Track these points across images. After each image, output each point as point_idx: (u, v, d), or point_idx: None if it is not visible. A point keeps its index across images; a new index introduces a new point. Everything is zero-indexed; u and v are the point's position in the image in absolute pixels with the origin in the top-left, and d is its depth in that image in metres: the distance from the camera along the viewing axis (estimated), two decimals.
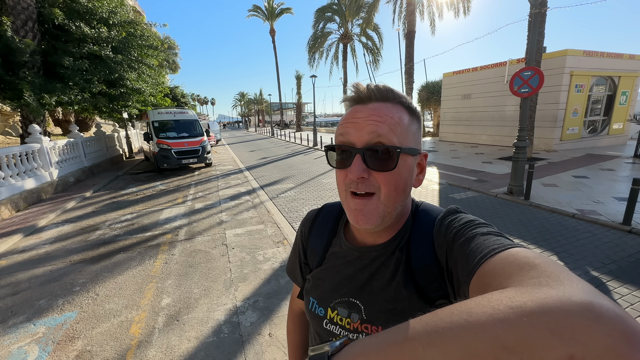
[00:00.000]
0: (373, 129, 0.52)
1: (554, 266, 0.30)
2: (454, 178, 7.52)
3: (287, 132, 29.49)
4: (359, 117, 0.54)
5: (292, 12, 30.94)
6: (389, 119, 0.53)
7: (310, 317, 0.67)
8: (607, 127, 11.94)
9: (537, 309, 0.23)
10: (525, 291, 0.26)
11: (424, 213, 0.61)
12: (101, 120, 16.39)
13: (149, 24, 10.79)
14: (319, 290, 0.66)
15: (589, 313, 0.22)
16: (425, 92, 19.66)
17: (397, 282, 0.56)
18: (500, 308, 0.25)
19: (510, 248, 0.38)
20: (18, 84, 6.68)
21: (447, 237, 0.51)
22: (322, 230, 0.71)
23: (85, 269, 3.65)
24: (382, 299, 0.57)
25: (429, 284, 0.53)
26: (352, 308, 0.60)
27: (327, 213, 0.74)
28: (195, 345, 2.37)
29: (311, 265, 0.71)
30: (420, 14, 14.81)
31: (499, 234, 0.45)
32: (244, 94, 73.14)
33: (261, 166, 11.22)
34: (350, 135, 0.54)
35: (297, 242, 0.78)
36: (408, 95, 0.60)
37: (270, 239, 4.36)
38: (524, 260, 0.33)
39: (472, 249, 0.43)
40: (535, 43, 5.53)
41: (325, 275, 0.66)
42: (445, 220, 0.55)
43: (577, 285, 0.26)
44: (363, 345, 0.31)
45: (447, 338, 0.25)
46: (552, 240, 3.95)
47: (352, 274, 0.62)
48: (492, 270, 0.36)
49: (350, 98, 0.57)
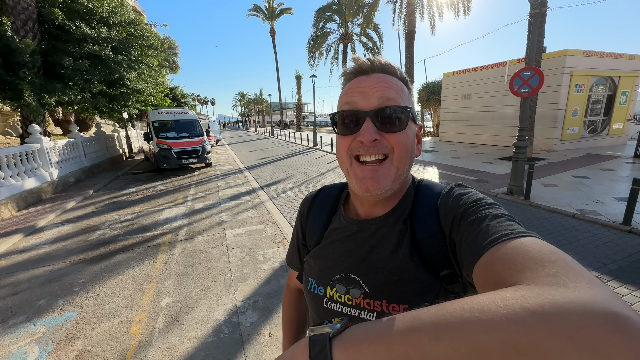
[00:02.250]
0: (382, 93, 0.53)
1: (571, 264, 0.29)
2: (454, 178, 7.52)
3: (287, 132, 29.49)
4: (365, 85, 0.54)
5: (292, 12, 30.95)
6: (394, 85, 0.55)
7: (310, 297, 0.65)
8: (607, 127, 11.94)
9: (556, 313, 0.22)
10: (543, 292, 0.25)
11: (426, 187, 0.61)
12: (101, 120, 16.38)
13: (149, 24, 10.79)
14: (317, 268, 0.65)
15: (611, 323, 0.20)
16: (425, 92, 19.65)
17: (402, 254, 0.55)
18: (515, 309, 0.24)
19: (524, 237, 0.36)
20: (18, 84, 6.67)
21: (455, 211, 0.51)
22: (321, 209, 0.71)
23: (85, 269, 3.65)
24: (385, 271, 0.55)
25: (435, 254, 0.52)
26: (350, 283, 0.58)
27: (327, 193, 0.73)
28: (195, 345, 2.37)
29: (309, 246, 0.70)
30: (420, 14, 14.80)
31: (512, 218, 0.44)
32: (244, 94, 73.19)
33: (261, 166, 11.22)
34: (357, 102, 0.54)
35: (297, 225, 0.77)
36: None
37: (270, 239, 4.36)
38: (537, 254, 0.32)
39: (482, 229, 0.42)
40: (535, 43, 5.53)
41: (324, 252, 0.65)
42: (453, 191, 0.55)
43: (599, 290, 0.24)
44: (366, 330, 0.30)
45: (456, 333, 0.25)
46: (552, 240, 3.95)
47: (352, 248, 0.61)
48: (503, 258, 0.34)
49: (353, 70, 0.58)
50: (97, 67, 8.12)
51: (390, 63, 0.57)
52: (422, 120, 23.49)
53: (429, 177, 6.13)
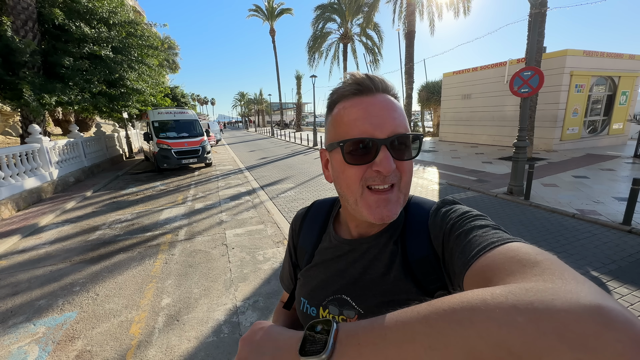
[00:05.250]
0: (393, 121, 0.51)
1: (556, 263, 0.29)
2: (454, 178, 7.52)
3: (287, 132, 29.49)
4: (373, 111, 0.51)
5: (292, 12, 30.95)
6: (400, 111, 0.53)
7: (303, 318, 0.65)
8: (607, 127, 11.94)
9: (545, 310, 0.23)
10: (532, 288, 0.25)
11: (416, 205, 0.60)
12: (101, 120, 16.38)
13: (149, 24, 10.80)
14: (308, 288, 0.64)
15: (598, 317, 0.21)
16: (425, 92, 19.64)
17: (393, 276, 0.54)
18: (505, 308, 0.24)
19: (510, 242, 0.37)
20: (18, 84, 6.68)
21: (443, 228, 0.51)
22: (312, 227, 0.70)
23: (85, 269, 3.65)
24: (377, 293, 0.55)
25: (427, 277, 0.52)
26: (343, 305, 0.58)
27: (317, 210, 0.72)
28: (195, 345, 2.37)
29: (301, 265, 0.70)
30: (420, 14, 14.81)
31: (497, 227, 0.44)
32: (244, 94, 73.13)
33: (261, 166, 11.22)
34: (368, 130, 0.50)
35: (289, 243, 0.76)
36: (408, 96, 0.60)
37: (270, 239, 4.36)
38: (525, 256, 0.32)
39: (469, 240, 0.43)
40: (535, 43, 5.53)
41: (315, 272, 0.64)
42: (440, 211, 0.55)
43: (584, 285, 0.25)
44: (359, 345, 0.31)
45: (450, 341, 0.25)
46: (552, 240, 3.95)
47: (344, 268, 0.60)
48: (492, 265, 0.35)
49: (352, 89, 0.53)
50: (97, 67, 8.13)
51: (388, 81, 0.55)
52: (422, 120, 23.47)
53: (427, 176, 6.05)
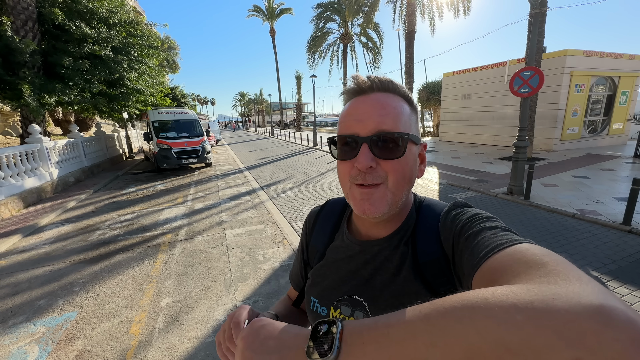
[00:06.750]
0: (378, 118, 0.51)
1: (563, 264, 0.29)
2: (454, 178, 7.52)
3: (287, 132, 29.49)
4: (362, 109, 0.53)
5: (292, 12, 30.96)
6: (392, 109, 0.53)
7: (312, 317, 0.65)
8: (607, 127, 11.94)
9: (545, 309, 0.23)
10: (533, 288, 0.25)
11: (428, 208, 0.60)
12: (101, 120, 16.39)
13: (149, 24, 10.79)
14: (319, 288, 0.64)
15: (598, 316, 0.21)
16: (425, 92, 19.65)
17: (403, 277, 0.54)
18: (505, 307, 0.24)
19: (518, 244, 0.37)
20: (18, 84, 6.68)
21: (453, 230, 0.51)
22: (325, 225, 0.70)
23: (85, 269, 3.65)
24: (387, 295, 0.55)
25: (437, 278, 0.52)
26: (356, 306, 0.58)
27: (331, 208, 0.72)
28: (195, 345, 2.37)
29: (312, 263, 0.70)
30: (420, 14, 14.82)
31: (507, 228, 0.44)
32: (244, 94, 73.15)
33: (261, 166, 11.22)
34: (353, 127, 0.53)
35: (301, 240, 0.76)
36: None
37: (270, 239, 4.36)
38: (531, 257, 0.32)
39: (478, 242, 0.43)
40: (535, 43, 5.53)
41: (326, 272, 0.64)
42: (450, 213, 0.55)
43: (587, 285, 0.25)
44: (363, 344, 0.31)
45: (450, 338, 0.25)
46: (552, 240, 3.95)
47: (355, 269, 0.60)
48: (499, 267, 0.35)
49: (351, 90, 0.56)
50: (97, 67, 8.13)
51: (390, 80, 0.55)
52: (422, 121, 23.47)
53: (427, 176, 6.05)
